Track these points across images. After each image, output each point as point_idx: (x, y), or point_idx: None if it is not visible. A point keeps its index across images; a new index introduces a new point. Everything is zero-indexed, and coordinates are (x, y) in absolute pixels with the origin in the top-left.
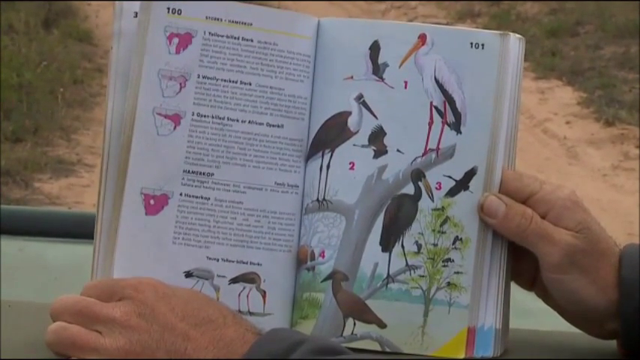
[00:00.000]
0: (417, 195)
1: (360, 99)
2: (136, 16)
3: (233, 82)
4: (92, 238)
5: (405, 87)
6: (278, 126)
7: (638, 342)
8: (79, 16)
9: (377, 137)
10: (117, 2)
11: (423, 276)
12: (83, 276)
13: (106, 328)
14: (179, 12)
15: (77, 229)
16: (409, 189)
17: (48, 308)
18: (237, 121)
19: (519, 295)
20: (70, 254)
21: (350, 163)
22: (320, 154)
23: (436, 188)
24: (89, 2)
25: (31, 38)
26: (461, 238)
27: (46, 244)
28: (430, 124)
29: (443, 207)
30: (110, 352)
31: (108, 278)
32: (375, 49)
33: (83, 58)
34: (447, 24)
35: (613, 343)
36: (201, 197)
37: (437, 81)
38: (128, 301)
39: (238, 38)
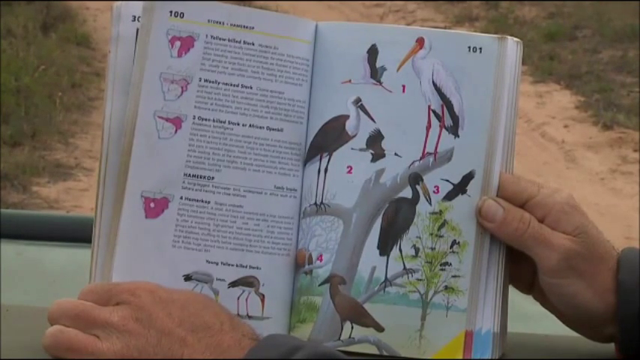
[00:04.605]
0: (415, 199)
1: (357, 103)
2: (134, 19)
3: (234, 85)
4: (90, 242)
5: (403, 91)
6: (278, 130)
7: (636, 345)
8: (77, 19)
9: (375, 141)
10: (115, 6)
11: (420, 279)
12: (81, 280)
13: (103, 333)
14: (181, 15)
15: (75, 232)
16: (407, 193)
17: (46, 312)
18: (238, 124)
19: (517, 298)
20: (68, 258)
21: (348, 167)
22: (318, 157)
23: (434, 192)
24: (87, 6)
25: (30, 42)
26: (458, 242)
27: (45, 248)
28: (428, 127)
29: (440, 211)
30: (107, 357)
31: (105, 282)
32: (372, 52)
33: (81, 62)
34: (444, 28)
35: (611, 347)
36: (202, 201)
37: (435, 85)
38: (125, 305)
39: (240, 42)
